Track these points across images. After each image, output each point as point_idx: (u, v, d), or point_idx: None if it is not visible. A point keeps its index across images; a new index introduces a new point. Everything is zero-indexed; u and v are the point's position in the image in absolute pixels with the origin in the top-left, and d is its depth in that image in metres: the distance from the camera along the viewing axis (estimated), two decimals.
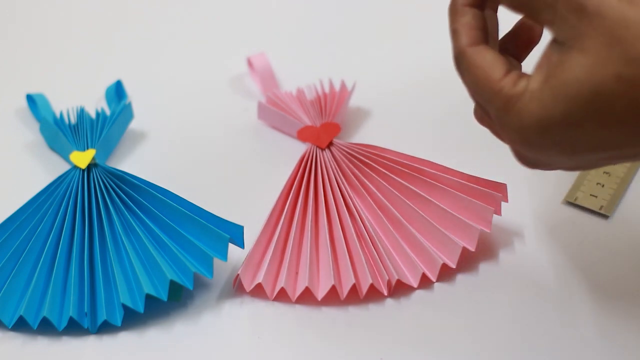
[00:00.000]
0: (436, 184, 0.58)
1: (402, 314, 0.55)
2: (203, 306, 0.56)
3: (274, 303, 0.56)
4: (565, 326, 0.54)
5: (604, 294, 0.56)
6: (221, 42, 0.77)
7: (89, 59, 0.76)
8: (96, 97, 0.71)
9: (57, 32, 0.80)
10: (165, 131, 0.69)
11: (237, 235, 0.56)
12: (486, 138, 0.66)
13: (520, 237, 0.59)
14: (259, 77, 0.71)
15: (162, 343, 0.54)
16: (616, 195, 0.61)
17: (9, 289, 0.55)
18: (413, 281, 0.56)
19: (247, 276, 0.56)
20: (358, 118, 0.68)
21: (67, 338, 0.54)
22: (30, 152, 0.67)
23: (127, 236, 0.57)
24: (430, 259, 0.56)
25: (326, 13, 0.81)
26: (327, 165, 0.61)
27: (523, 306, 0.55)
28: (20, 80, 0.74)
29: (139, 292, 0.54)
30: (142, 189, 0.58)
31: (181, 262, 0.55)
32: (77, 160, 0.61)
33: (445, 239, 0.57)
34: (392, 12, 0.81)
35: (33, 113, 0.69)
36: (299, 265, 0.56)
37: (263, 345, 0.54)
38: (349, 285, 0.55)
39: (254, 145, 0.67)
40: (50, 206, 0.58)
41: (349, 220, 0.58)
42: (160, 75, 0.74)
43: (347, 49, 0.75)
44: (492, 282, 0.57)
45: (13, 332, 0.55)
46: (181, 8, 0.81)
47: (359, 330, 0.54)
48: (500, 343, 0.54)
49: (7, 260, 0.56)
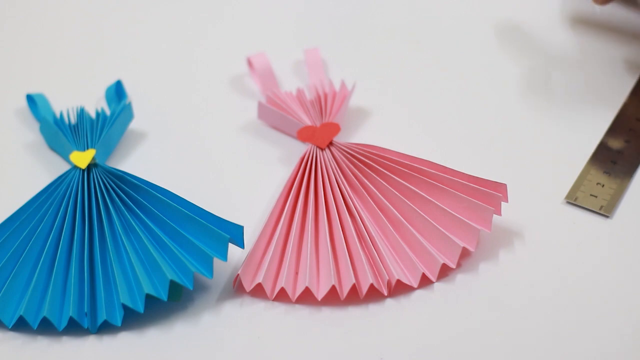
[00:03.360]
0: (436, 184, 0.58)
1: (402, 314, 0.55)
2: (203, 306, 0.56)
3: (274, 303, 0.56)
4: (565, 326, 0.54)
5: (604, 294, 0.56)
6: (221, 42, 0.77)
7: (89, 59, 0.76)
8: (96, 97, 0.71)
9: (57, 32, 0.80)
10: (165, 131, 0.69)
11: (237, 235, 0.56)
12: (486, 138, 0.66)
13: (520, 237, 0.59)
14: (259, 77, 0.71)
15: (162, 343, 0.54)
16: (616, 195, 0.61)
17: (9, 289, 0.55)
18: (413, 281, 0.56)
19: (247, 276, 0.56)
20: (358, 118, 0.68)
21: (67, 338, 0.54)
22: (30, 152, 0.67)
23: (127, 236, 0.57)
24: (430, 259, 0.56)
25: (326, 13, 0.81)
26: (327, 165, 0.61)
27: (523, 306, 0.55)
28: (20, 80, 0.74)
29: (139, 292, 0.54)
30: (142, 189, 0.58)
31: (181, 262, 0.55)
32: (77, 160, 0.61)
33: (445, 239, 0.57)
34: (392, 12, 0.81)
35: (33, 113, 0.69)
36: (299, 265, 0.57)
37: (263, 345, 0.54)
38: (349, 285, 0.55)
39: (254, 145, 0.67)
40: (50, 206, 0.58)
41: (349, 220, 0.58)
42: (160, 75, 0.74)
43: (347, 49, 0.75)
44: (492, 282, 0.57)
45: (13, 332, 0.55)
46: (181, 8, 0.81)
47: (359, 330, 0.54)
48: (501, 343, 0.54)
49: (7, 260, 0.56)
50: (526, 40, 0.79)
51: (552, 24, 0.81)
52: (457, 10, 0.82)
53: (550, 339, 0.54)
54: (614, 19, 0.80)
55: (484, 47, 0.77)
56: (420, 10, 0.81)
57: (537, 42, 0.78)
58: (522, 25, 0.81)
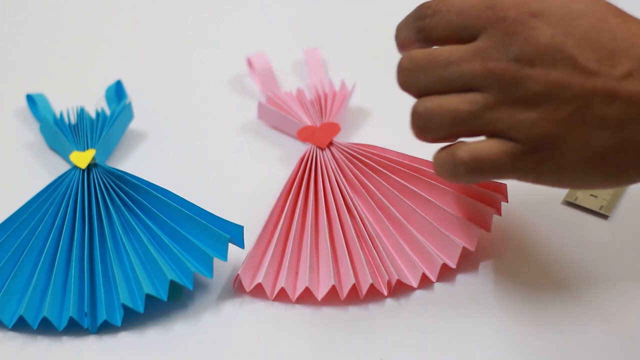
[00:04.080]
0: (436, 184, 0.58)
1: (402, 314, 0.55)
2: (203, 306, 0.56)
3: (274, 303, 0.56)
4: (566, 326, 0.54)
5: (604, 294, 0.56)
6: (221, 42, 0.77)
7: (89, 59, 0.76)
8: (96, 97, 0.71)
9: (57, 32, 0.80)
10: (165, 131, 0.69)
11: (237, 235, 0.56)
12: None
13: (520, 237, 0.59)
14: (259, 77, 0.71)
15: (162, 343, 0.54)
16: (616, 195, 0.61)
17: (9, 289, 0.55)
18: (413, 281, 0.56)
19: (247, 276, 0.56)
20: (358, 118, 0.68)
21: (67, 338, 0.54)
22: (30, 152, 0.67)
23: (127, 236, 0.57)
24: (430, 259, 0.56)
25: (326, 13, 0.81)
26: (327, 165, 0.61)
27: (523, 306, 0.55)
28: (20, 80, 0.74)
29: (139, 292, 0.54)
30: (142, 189, 0.58)
31: (181, 262, 0.55)
32: (77, 160, 0.61)
33: (445, 239, 0.57)
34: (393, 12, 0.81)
35: (33, 113, 0.69)
36: (299, 266, 0.57)
37: (263, 345, 0.54)
38: (349, 285, 0.55)
39: (254, 145, 0.67)
40: (50, 206, 0.58)
41: (349, 220, 0.58)
42: (160, 75, 0.74)
43: (347, 49, 0.75)
44: (492, 282, 0.57)
45: (13, 332, 0.55)
46: (181, 8, 0.81)
47: (359, 330, 0.54)
48: (501, 343, 0.53)
49: (7, 260, 0.56)
50: None
51: None
52: None
53: (550, 339, 0.54)
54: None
55: None
56: None
57: None
58: None
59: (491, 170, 0.49)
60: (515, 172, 0.49)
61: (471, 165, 0.49)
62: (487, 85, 0.49)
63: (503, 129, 0.48)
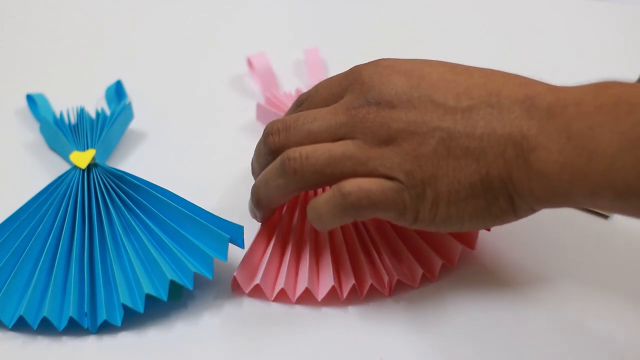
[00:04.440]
0: None
1: (402, 314, 0.55)
2: (203, 306, 0.56)
3: (274, 303, 0.56)
4: (566, 326, 0.54)
5: (604, 294, 0.56)
6: (221, 42, 0.77)
7: (89, 59, 0.76)
8: (96, 97, 0.71)
9: (57, 32, 0.80)
10: (165, 131, 0.69)
11: (237, 235, 0.56)
12: None
13: (520, 237, 0.59)
14: (259, 77, 0.71)
15: (162, 343, 0.54)
16: None
17: (9, 289, 0.55)
18: (413, 281, 0.56)
19: (243, 278, 0.56)
20: None
21: (67, 338, 0.54)
22: (30, 152, 0.67)
23: (127, 236, 0.57)
24: (430, 259, 0.56)
25: (326, 13, 0.81)
26: None
27: (523, 306, 0.55)
28: (20, 80, 0.74)
29: (139, 292, 0.54)
30: (142, 189, 0.58)
31: (181, 262, 0.55)
32: (77, 160, 0.61)
33: (445, 239, 0.57)
34: (393, 12, 0.81)
35: (33, 113, 0.69)
36: (298, 266, 0.56)
37: (263, 345, 0.54)
38: (349, 286, 0.55)
39: (254, 145, 0.67)
40: (50, 206, 0.58)
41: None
42: (160, 75, 0.74)
43: (347, 49, 0.75)
44: (492, 282, 0.57)
45: (13, 332, 0.55)
46: (181, 8, 0.81)
47: (359, 330, 0.54)
48: (501, 343, 0.54)
49: (7, 260, 0.56)
50: (526, 40, 0.79)
51: (551, 24, 0.81)
52: (457, 10, 0.82)
53: (550, 339, 0.54)
54: (613, 18, 0.80)
55: (484, 47, 0.77)
56: (420, 10, 0.82)
57: (537, 43, 0.78)
58: (522, 25, 0.81)
59: (378, 201, 0.50)
60: (400, 208, 0.51)
61: (360, 194, 0.51)
62: (354, 131, 0.51)
63: (376, 167, 0.50)
